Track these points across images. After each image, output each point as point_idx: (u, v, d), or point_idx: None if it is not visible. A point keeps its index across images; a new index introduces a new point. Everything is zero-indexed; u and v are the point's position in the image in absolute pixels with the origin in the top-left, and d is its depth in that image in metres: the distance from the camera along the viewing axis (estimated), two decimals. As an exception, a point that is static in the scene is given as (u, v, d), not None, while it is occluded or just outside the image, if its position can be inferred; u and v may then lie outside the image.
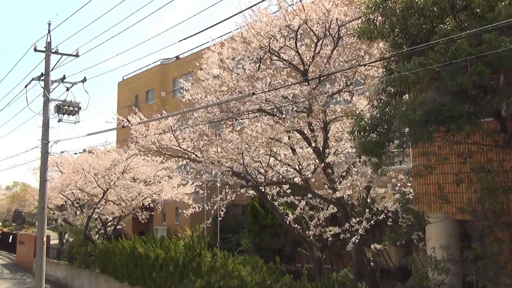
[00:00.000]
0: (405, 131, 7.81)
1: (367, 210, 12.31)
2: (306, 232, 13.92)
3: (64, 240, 33.26)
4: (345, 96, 12.98)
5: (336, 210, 13.31)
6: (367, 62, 11.28)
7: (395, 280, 14.35)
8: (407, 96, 8.24)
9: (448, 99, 6.93)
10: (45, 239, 15.68)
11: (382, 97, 8.05)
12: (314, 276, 13.83)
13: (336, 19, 11.37)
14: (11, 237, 38.22)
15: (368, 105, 10.22)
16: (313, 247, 14.08)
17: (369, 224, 11.88)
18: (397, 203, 11.83)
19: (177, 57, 37.47)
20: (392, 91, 7.86)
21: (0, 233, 42.65)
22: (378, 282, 13.20)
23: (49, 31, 15.90)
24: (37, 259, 15.55)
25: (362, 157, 8.71)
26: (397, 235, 11.65)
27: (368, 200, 12.89)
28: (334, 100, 13.06)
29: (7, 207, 61.35)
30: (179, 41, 12.01)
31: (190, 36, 10.07)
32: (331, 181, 12.42)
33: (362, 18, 8.33)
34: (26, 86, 15.98)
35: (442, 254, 9.40)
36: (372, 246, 13.21)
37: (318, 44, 12.10)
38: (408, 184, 11.76)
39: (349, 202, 13.80)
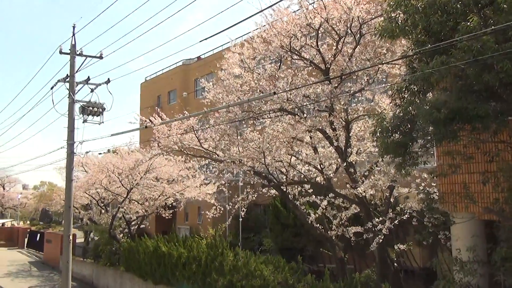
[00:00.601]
0: (429, 130, 7.66)
1: (390, 210, 12.15)
2: (329, 232, 13.83)
3: (90, 239, 33.89)
4: (367, 95, 12.84)
5: (358, 209, 13.18)
6: (389, 60, 11.13)
7: (420, 282, 14.13)
8: (430, 94, 8.10)
9: (473, 97, 6.78)
10: (71, 237, 16.02)
11: (405, 96, 7.92)
12: (336, 276, 13.73)
13: (358, 17, 11.26)
14: (38, 235, 39.15)
15: (391, 104, 10.09)
16: (335, 247, 13.99)
17: (392, 224, 11.73)
18: (422, 203, 11.64)
19: (198, 57, 37.73)
20: (415, 89, 7.73)
21: (28, 232, 43.72)
22: (402, 283, 13.01)
23: (73, 34, 16.20)
24: (63, 257, 15.89)
25: (385, 157, 8.59)
26: (422, 236, 11.47)
27: (392, 200, 12.73)
28: (356, 99, 12.94)
29: (35, 206, 62.97)
30: (200, 41, 12.05)
31: (211, 36, 10.10)
32: (353, 181, 12.30)
33: (384, 15, 8.22)
34: (52, 88, 16.34)
35: (468, 256, 9.21)
36: (395, 247, 13.04)
37: (339, 42, 12.00)
38: (433, 183, 11.55)
39: (372, 202, 13.66)
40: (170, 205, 23.89)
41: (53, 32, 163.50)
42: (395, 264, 13.19)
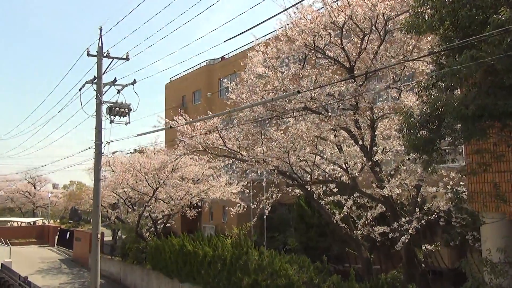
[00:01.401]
0: (457, 127, 7.48)
1: (417, 210, 11.93)
2: (354, 231, 13.68)
3: (117, 237, 34.53)
4: (392, 93, 12.64)
5: (384, 209, 13.00)
6: (416, 57, 10.92)
7: (448, 283, 13.84)
8: (458, 91, 7.91)
9: (504, 93, 6.58)
10: (99, 235, 16.34)
11: (432, 93, 7.76)
12: (362, 276, 13.58)
13: (383, 13, 11.09)
14: (68, 233, 40.10)
15: (418, 101, 9.90)
16: (361, 247, 13.83)
17: (419, 224, 11.52)
18: (450, 203, 11.39)
19: (222, 57, 37.93)
20: (443, 86, 7.56)
21: (58, 230, 44.82)
22: (429, 284, 12.76)
23: (100, 36, 16.53)
24: (92, 255, 16.22)
25: (412, 155, 8.43)
26: (450, 236, 11.22)
27: (419, 199, 12.50)
28: (381, 97, 12.76)
29: (64, 205, 64.60)
30: (224, 41, 12.16)
31: (235, 36, 10.15)
32: (379, 180, 12.13)
33: (410, 11, 8.07)
34: (80, 90, 16.72)
35: (499, 257, 8.95)
36: (423, 247, 12.80)
37: (364, 40, 11.85)
38: (461, 182, 11.29)
39: (398, 201, 13.44)
40: (195, 204, 24.11)
41: (81, 35, 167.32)
42: (422, 264, 12.95)
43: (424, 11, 7.51)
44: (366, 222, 13.48)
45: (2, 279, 23.03)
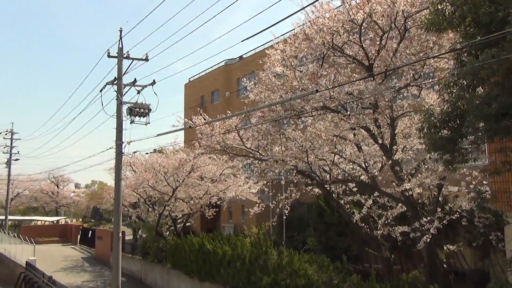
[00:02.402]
0: (480, 126, 7.34)
1: (438, 209, 11.75)
2: (374, 231, 13.56)
3: (138, 236, 34.92)
4: (412, 91, 12.47)
5: (405, 209, 12.84)
6: (436, 55, 10.75)
7: (471, 284, 13.59)
8: (481, 88, 7.75)
9: (528, 91, 6.43)
10: (120, 234, 16.59)
11: (453, 91, 7.63)
12: (382, 277, 13.45)
13: (402, 10, 10.95)
14: (90, 232, 40.76)
15: (438, 99, 9.75)
16: (381, 247, 13.70)
17: (441, 223, 11.34)
18: (472, 202, 11.19)
19: (240, 57, 38.01)
20: (465, 84, 7.42)
21: (80, 229, 45.61)
22: (452, 285, 12.56)
23: (120, 38, 16.76)
24: (113, 254, 16.47)
25: (433, 154, 8.31)
26: (473, 236, 11.03)
27: (440, 199, 12.31)
28: (401, 95, 12.60)
29: (86, 204, 65.68)
30: (242, 41, 12.13)
31: (253, 36, 10.14)
32: (399, 179, 11.99)
33: (430, 8, 7.94)
34: (101, 91, 17.00)
35: (524, 257, 8.76)
36: (445, 247, 12.61)
37: (383, 37, 11.72)
38: (484, 182, 11.08)
39: (419, 201, 13.27)
40: (215, 204, 24.23)
41: (101, 38, 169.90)
42: (444, 265, 12.76)
43: (445, 8, 7.38)
44: (386, 221, 13.34)
45: (26, 276, 23.58)
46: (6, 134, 42.59)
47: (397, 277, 12.44)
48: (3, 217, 44.83)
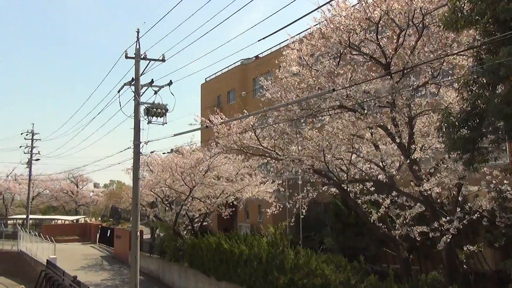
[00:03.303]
0: (500, 125, 7.19)
1: (458, 209, 11.56)
2: (392, 231, 13.41)
3: (156, 235, 35.27)
4: (431, 89, 12.30)
5: (423, 208, 12.67)
6: (455, 52, 10.58)
7: (492, 285, 13.34)
8: (502, 86, 7.60)
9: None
10: (138, 234, 16.75)
11: (472, 89, 7.49)
12: (401, 277, 13.29)
13: (420, 8, 10.80)
14: (109, 231, 41.28)
15: (457, 97, 9.60)
16: (399, 247, 13.54)
17: (461, 224, 11.16)
18: (493, 202, 10.98)
19: (256, 56, 38.00)
20: (484, 81, 7.29)
21: (99, 228, 46.22)
22: (472, 286, 12.36)
23: (138, 39, 16.90)
24: (132, 252, 16.64)
25: (452, 153, 8.18)
26: (494, 236, 10.82)
27: (460, 199, 12.11)
28: (419, 93, 12.43)
29: (105, 204, 66.56)
30: (258, 40, 12.12)
31: (269, 35, 10.13)
32: (417, 178, 11.83)
33: (448, 5, 7.82)
34: (119, 91, 17.17)
35: (547, 258, 8.56)
36: (465, 248, 12.40)
37: (401, 35, 11.58)
38: (505, 181, 10.86)
39: (438, 201, 13.07)
40: (231, 203, 24.27)
41: (118, 39, 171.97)
42: (464, 266, 12.55)
43: (463, 5, 7.25)
44: (404, 221, 13.18)
45: (47, 274, 24.02)
46: (27, 134, 43.44)
47: (415, 278, 12.29)
48: (25, 216, 45.74)
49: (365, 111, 11.96)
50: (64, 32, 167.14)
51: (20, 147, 43.62)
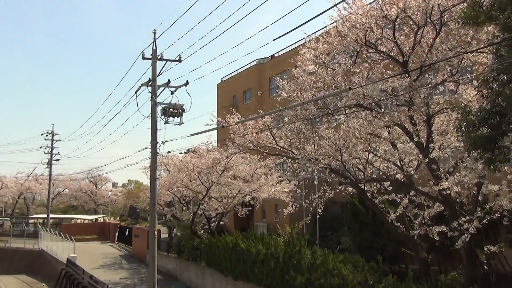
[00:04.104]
0: (521, 123, 7.03)
1: (478, 209, 11.37)
2: (410, 231, 13.26)
3: (173, 234, 35.53)
4: (449, 87, 12.11)
5: (442, 208, 12.49)
6: (474, 49, 10.38)
7: (514, 286, 13.08)
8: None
9: None
10: (156, 233, 16.90)
11: (493, 86, 7.34)
12: (419, 278, 13.14)
13: (438, 4, 10.64)
14: (127, 230, 41.73)
15: (477, 95, 9.43)
16: (418, 247, 13.38)
17: (481, 223, 10.97)
18: (514, 201, 10.76)
19: (272, 56, 37.97)
20: (505, 79, 7.14)
21: (118, 227, 46.77)
22: (492, 287, 12.14)
23: (154, 40, 17.06)
24: (150, 252, 16.81)
25: (472, 152, 8.03)
26: (515, 236, 10.58)
27: (480, 198, 11.90)
28: (437, 91, 12.25)
29: (123, 203, 67.39)
30: (274, 39, 12.08)
31: (285, 34, 10.11)
32: (436, 178, 11.67)
33: (467, 0, 7.68)
34: (136, 92, 17.35)
35: None
36: (485, 248, 12.18)
37: (418, 32, 11.43)
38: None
39: (458, 200, 12.87)
40: (248, 203, 24.31)
41: (136, 40, 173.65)
42: (485, 266, 12.34)
43: (482, 0, 7.12)
44: (423, 221, 13.01)
45: (67, 273, 24.41)
46: (47, 135, 44.22)
47: (435, 278, 12.13)
48: (45, 216, 46.57)
49: (382, 110, 11.84)
50: (83, 34, 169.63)
51: (41, 147, 44.48)
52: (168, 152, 23.02)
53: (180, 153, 27.60)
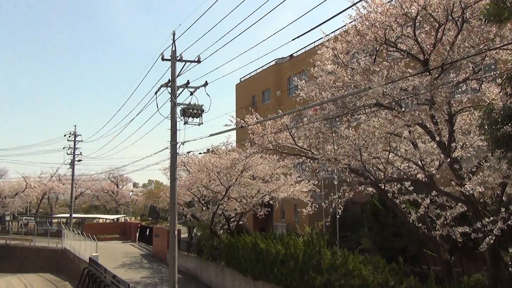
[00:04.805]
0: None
1: (502, 209, 11.11)
2: (432, 232, 13.05)
3: (193, 234, 35.78)
4: (472, 85, 11.87)
5: (465, 208, 12.26)
6: (498, 46, 10.17)
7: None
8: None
9: None
10: (176, 232, 17.06)
11: (517, 84, 7.19)
12: (442, 279, 12.92)
13: (460, 1, 10.44)
14: (148, 230, 42.23)
15: (500, 93, 9.23)
16: (440, 248, 13.16)
17: (505, 224, 10.72)
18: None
19: (291, 55, 37.88)
20: (530, 76, 6.98)
21: (139, 227, 47.35)
22: (518, 289, 11.85)
23: (173, 41, 17.22)
24: (170, 251, 16.97)
25: (495, 151, 7.87)
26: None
27: (504, 198, 11.62)
28: (459, 90, 12.03)
29: (144, 203, 68.19)
30: (292, 39, 12.05)
31: (303, 34, 10.10)
32: (458, 178, 11.46)
33: (490, -3, 7.52)
34: (156, 93, 17.56)
35: None
36: (510, 250, 11.90)
37: (439, 30, 11.24)
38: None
39: (481, 200, 12.61)
40: (267, 203, 24.31)
41: (155, 41, 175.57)
42: (509, 268, 12.05)
43: (506, -4, 6.97)
44: (445, 222, 12.79)
45: (90, 271, 24.82)
46: (69, 136, 45.09)
47: (457, 280, 11.92)
48: (68, 215, 47.46)
49: (403, 109, 11.69)
50: (105, 37, 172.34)
51: (63, 148, 45.42)
52: (188, 152, 23.20)
53: (200, 153, 27.80)
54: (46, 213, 64.98)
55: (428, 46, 11.56)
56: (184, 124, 16.65)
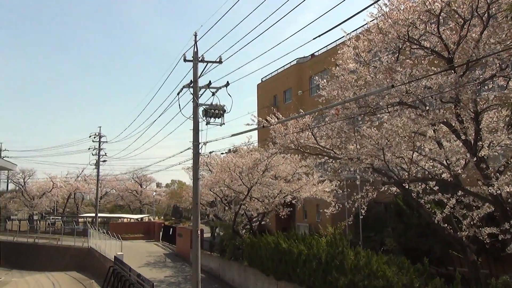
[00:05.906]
0: None
1: (532, 210, 10.82)
2: (458, 232, 12.79)
3: (216, 234, 35.99)
4: (499, 82, 11.58)
5: (493, 209, 11.97)
6: (526, 42, 9.88)
7: None
8: None
9: None
10: (199, 232, 17.19)
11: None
12: (468, 281, 12.66)
13: (485, -4, 10.20)
14: (171, 229, 42.68)
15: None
16: (466, 249, 12.89)
17: (534, 225, 10.43)
18: None
19: (312, 55, 37.71)
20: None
21: (162, 226, 47.89)
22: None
23: (195, 42, 17.35)
24: (193, 251, 17.10)
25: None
26: None
27: (533, 198, 11.31)
28: (486, 87, 11.75)
29: (167, 203, 68.91)
30: (314, 38, 11.96)
31: (324, 33, 10.02)
32: (485, 177, 11.19)
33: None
34: (178, 94, 17.71)
35: None
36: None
37: (464, 26, 11.00)
38: None
39: (509, 200, 12.29)
40: (289, 203, 24.26)
41: (178, 42, 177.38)
42: (539, 270, 11.72)
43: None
44: (471, 222, 12.52)
45: (115, 270, 25.23)
46: (95, 137, 45.96)
47: (485, 282, 11.64)
48: (94, 215, 48.38)
49: (427, 108, 11.48)
50: (128, 40, 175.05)
51: (89, 149, 46.34)
52: (210, 152, 23.33)
53: (222, 153, 27.94)
54: (72, 212, 66.40)
55: (453, 43, 11.32)
56: (206, 124, 16.74)
